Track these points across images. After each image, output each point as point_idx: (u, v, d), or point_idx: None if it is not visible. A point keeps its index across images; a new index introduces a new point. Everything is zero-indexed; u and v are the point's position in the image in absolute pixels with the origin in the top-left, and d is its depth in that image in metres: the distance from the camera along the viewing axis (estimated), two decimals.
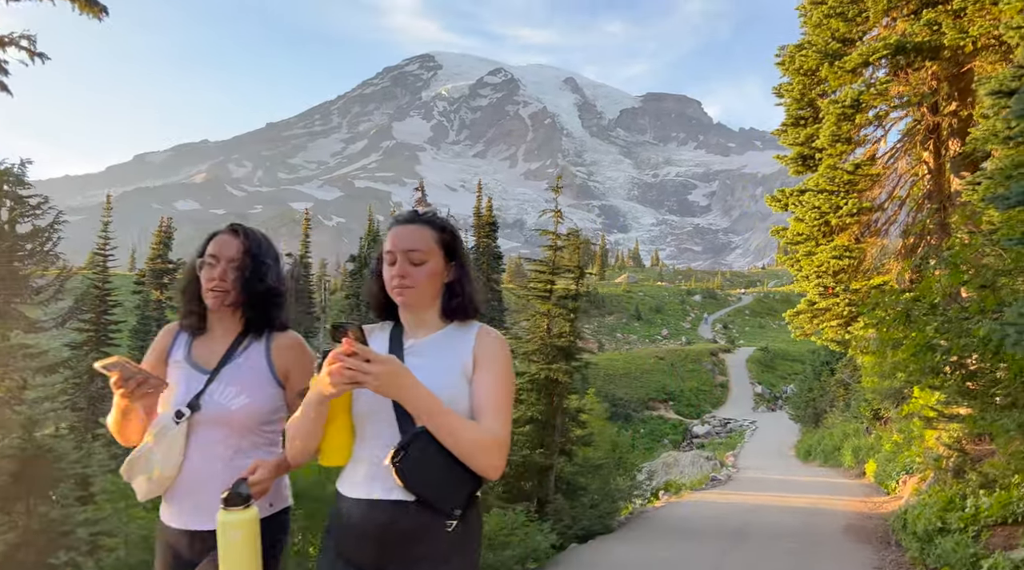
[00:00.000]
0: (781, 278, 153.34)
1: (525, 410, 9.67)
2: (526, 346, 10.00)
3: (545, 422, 9.75)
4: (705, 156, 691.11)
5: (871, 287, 10.56)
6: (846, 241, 11.26)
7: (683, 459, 25.43)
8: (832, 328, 11.95)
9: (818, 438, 33.55)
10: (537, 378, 9.76)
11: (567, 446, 10.13)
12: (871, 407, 24.38)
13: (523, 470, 9.41)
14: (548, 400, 9.79)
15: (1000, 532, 5.96)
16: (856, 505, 12.24)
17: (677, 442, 53.03)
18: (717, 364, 68.99)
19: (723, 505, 11.84)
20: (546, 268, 10.18)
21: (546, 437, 9.70)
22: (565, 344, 9.92)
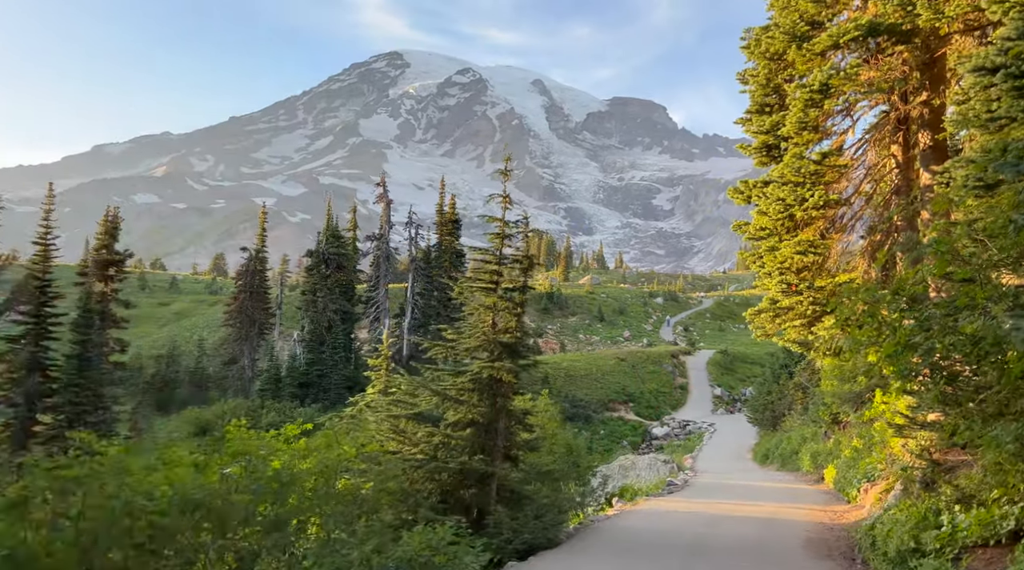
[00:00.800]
0: (742, 282, 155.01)
1: (465, 412, 8.84)
2: (467, 342, 9.17)
3: (487, 425, 8.92)
4: (669, 161, 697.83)
5: (836, 285, 9.98)
6: (811, 236, 10.67)
7: (640, 462, 24.84)
8: (795, 328, 11.35)
9: (776, 442, 33.38)
10: (479, 377, 8.93)
11: (512, 451, 9.31)
12: (830, 411, 24.05)
13: (461, 478, 8.58)
14: (491, 401, 8.97)
15: (981, 555, 5.34)
16: (816, 514, 11.66)
17: (636, 443, 52.74)
18: (677, 366, 69.00)
19: (678, 515, 11.17)
20: (492, 258, 9.38)
21: (488, 442, 8.87)
22: (511, 340, 9.11)
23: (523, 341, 9.22)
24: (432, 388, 8.87)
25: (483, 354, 9.05)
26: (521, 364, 9.15)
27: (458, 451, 8.65)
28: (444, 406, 8.84)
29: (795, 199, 10.24)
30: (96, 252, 40.72)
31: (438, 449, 8.57)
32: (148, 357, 68.91)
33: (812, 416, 29.95)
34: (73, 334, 38.89)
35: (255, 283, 60.29)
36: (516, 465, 9.46)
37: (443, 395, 8.79)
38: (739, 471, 27.71)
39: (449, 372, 9.15)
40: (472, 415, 8.84)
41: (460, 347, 9.14)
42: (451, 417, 8.82)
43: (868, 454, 15.64)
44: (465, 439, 8.67)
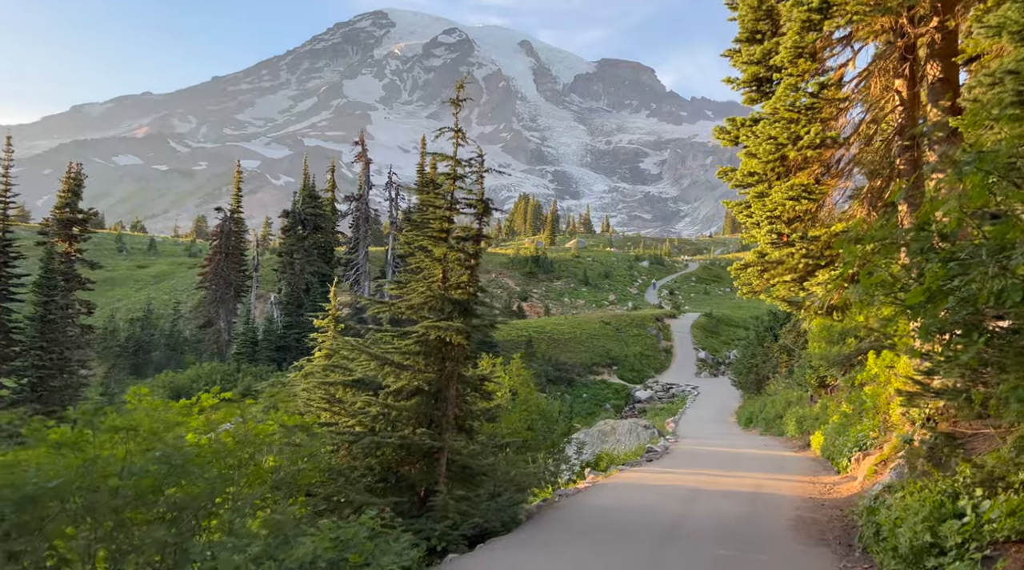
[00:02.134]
0: (728, 246, 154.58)
1: (409, 378, 7.69)
2: (412, 298, 7.98)
3: (435, 393, 7.80)
4: (657, 124, 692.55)
5: (832, 234, 8.90)
6: (805, 180, 9.53)
7: (620, 427, 23.99)
8: (785, 284, 10.28)
9: (760, 405, 32.81)
10: (425, 339, 7.78)
11: (466, 422, 8.22)
12: (816, 374, 23.21)
13: (405, 453, 7.48)
14: (439, 366, 7.84)
15: (1017, 554, 4.32)
16: (805, 487, 10.73)
17: (620, 407, 52.28)
18: (662, 329, 68.43)
19: (654, 490, 10.21)
20: (442, 202, 8.18)
21: (436, 412, 7.76)
22: (462, 297, 7.93)
23: (477, 298, 8.07)
24: (370, 352, 7.74)
25: (431, 313, 7.89)
26: (475, 324, 8.00)
27: (402, 423, 7.54)
28: (385, 372, 7.71)
29: (788, 137, 9.02)
30: (59, 210, 38.99)
31: (377, 421, 7.48)
32: (124, 320, 67.48)
33: (797, 379, 29.23)
34: (35, 296, 37.44)
35: (230, 244, 58.67)
36: (471, 437, 8.37)
37: (383, 359, 7.66)
38: (722, 435, 27.03)
39: (392, 333, 8.01)
40: (417, 382, 7.70)
41: (402, 305, 7.98)
42: (393, 384, 7.69)
43: (859, 420, 14.73)
44: (409, 409, 7.54)
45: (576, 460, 15.78)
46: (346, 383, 7.86)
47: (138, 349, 58.44)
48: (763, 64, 9.63)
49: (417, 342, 7.81)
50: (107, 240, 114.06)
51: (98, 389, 50.23)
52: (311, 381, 8.43)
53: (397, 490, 7.37)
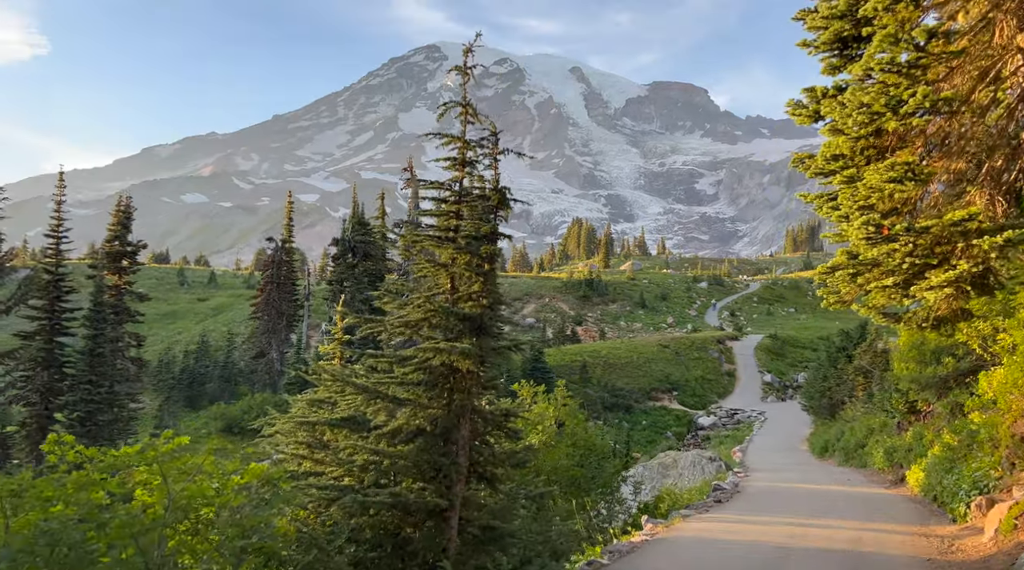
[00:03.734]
0: (789, 265, 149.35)
1: (408, 416, 6.04)
2: (408, 313, 6.38)
3: (441, 434, 6.16)
4: (712, 145, 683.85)
5: (949, 223, 6.98)
6: (909, 158, 7.60)
7: (682, 460, 21.87)
8: (883, 291, 8.29)
9: (836, 432, 30.18)
10: (428, 364, 6.16)
11: (485, 469, 6.53)
12: (906, 399, 20.72)
13: (402, 514, 5.81)
14: (446, 400, 6.22)
15: None
16: (918, 544, 8.65)
17: (681, 434, 49.72)
18: (724, 352, 65.44)
19: (729, 551, 8.31)
20: (451, 194, 6.62)
21: (442, 458, 6.11)
22: (474, 311, 6.31)
23: (494, 312, 6.44)
24: (354, 383, 6.15)
25: (433, 332, 6.28)
26: (491, 346, 6.33)
27: (399, 473, 5.92)
28: (375, 408, 6.12)
29: (887, 103, 7.13)
30: (108, 244, 39.08)
31: (366, 471, 5.89)
32: (180, 352, 68.03)
33: (880, 404, 26.56)
34: (86, 329, 37.40)
35: (282, 274, 58.49)
36: (494, 488, 6.68)
37: (372, 392, 6.04)
38: (796, 467, 24.62)
39: (389, 359, 6.44)
40: (418, 420, 6.07)
41: (396, 322, 6.40)
42: (389, 424, 6.07)
43: (969, 454, 12.42)
44: (407, 456, 5.89)
45: (632, 501, 13.87)
46: (332, 422, 6.31)
47: (192, 381, 58.56)
48: (848, 18, 7.78)
49: (417, 369, 6.19)
50: (169, 274, 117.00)
51: (151, 422, 50.27)
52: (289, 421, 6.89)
53: (395, 561, 5.73)
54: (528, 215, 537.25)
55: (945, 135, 8.05)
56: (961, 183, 8.24)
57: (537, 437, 12.26)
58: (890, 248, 7.53)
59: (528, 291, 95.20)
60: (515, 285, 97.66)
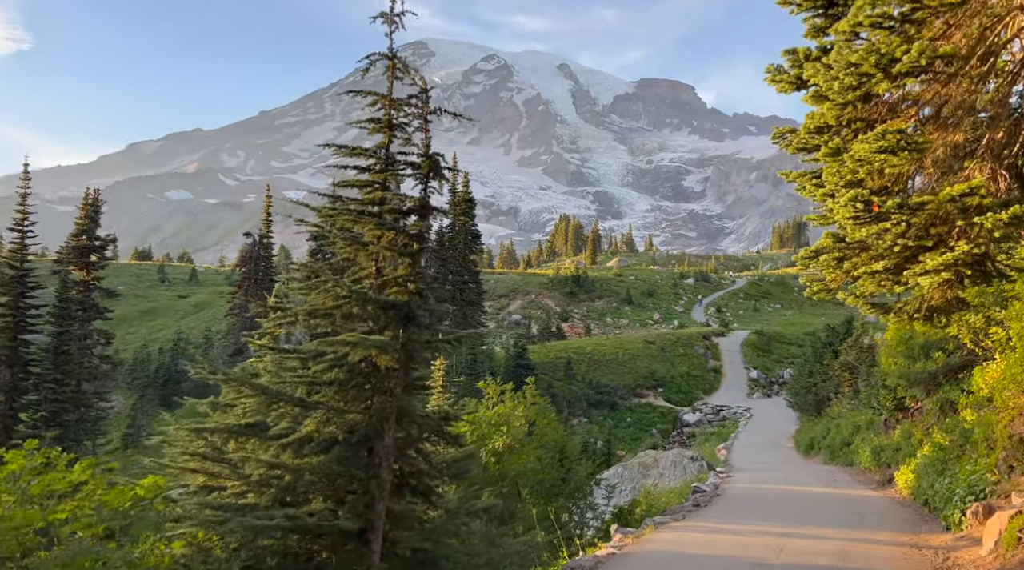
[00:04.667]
0: (776, 262, 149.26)
1: (319, 423, 5.09)
2: (316, 299, 5.46)
3: (360, 443, 5.25)
4: (699, 142, 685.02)
5: (947, 198, 6.14)
6: (903, 125, 6.77)
7: (663, 459, 21.08)
8: (873, 277, 7.45)
9: (822, 429, 29.61)
10: (342, 361, 5.24)
11: (419, 482, 5.62)
12: (893, 395, 20.01)
13: (313, 537, 4.87)
14: (365, 403, 5.30)
15: None
16: (909, 557, 7.86)
17: (667, 431, 49.11)
18: (710, 348, 64.88)
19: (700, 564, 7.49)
20: (377, 161, 5.71)
21: (363, 471, 5.19)
22: (400, 298, 5.40)
23: (424, 299, 5.54)
24: (251, 383, 5.21)
25: (347, 322, 5.36)
26: (421, 339, 5.42)
27: (309, 487, 5.01)
28: (278, 413, 5.19)
29: (877, 62, 6.28)
30: (75, 238, 37.84)
31: (266, 487, 4.99)
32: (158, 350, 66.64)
33: (867, 401, 25.91)
34: (53, 325, 36.18)
35: (260, 270, 57.26)
36: (430, 503, 5.77)
37: (272, 394, 5.11)
38: (781, 466, 23.96)
39: (298, 356, 5.50)
40: (332, 427, 5.16)
41: (303, 313, 5.50)
42: (289, 431, 5.16)
43: (962, 455, 11.65)
44: (317, 469, 4.99)
45: (606, 506, 13.02)
46: (233, 430, 5.39)
47: (168, 379, 57.25)
48: None
49: (333, 367, 5.28)
50: (150, 271, 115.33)
51: (124, 422, 48.97)
52: (183, 428, 5.96)
53: None
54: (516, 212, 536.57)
55: (941, 104, 7.25)
56: (958, 159, 7.43)
57: (502, 439, 11.43)
58: (880, 228, 6.70)
59: (514, 288, 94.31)
60: (501, 282, 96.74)
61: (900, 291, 7.61)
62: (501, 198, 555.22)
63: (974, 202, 6.18)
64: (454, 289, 61.65)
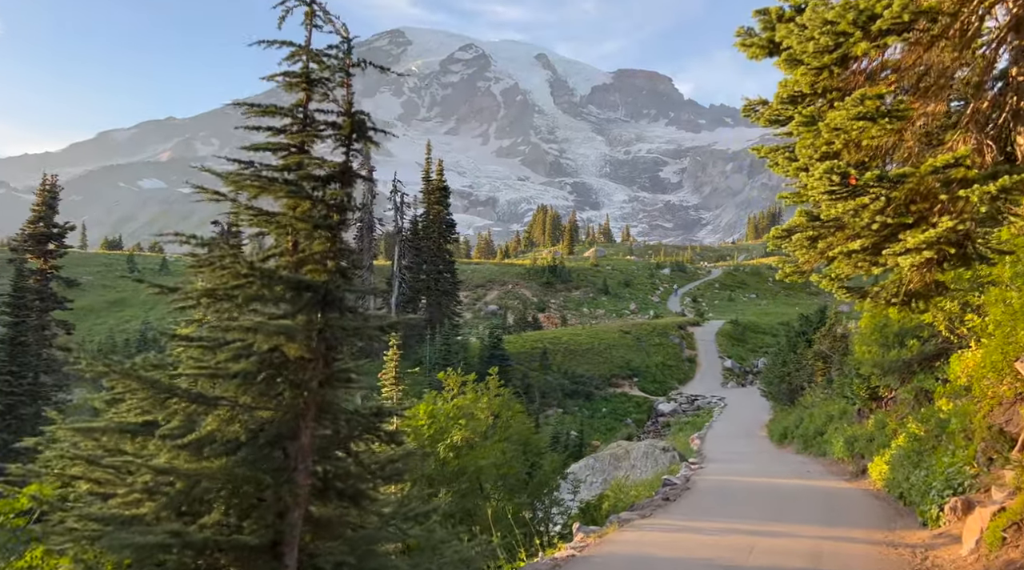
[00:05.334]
0: (751, 252, 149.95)
1: (221, 421, 4.40)
2: (218, 279, 4.76)
3: (270, 444, 4.58)
4: (676, 133, 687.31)
5: (930, 170, 5.62)
6: (884, 90, 6.23)
7: (635, 451, 20.63)
8: (849, 258, 6.91)
9: (795, 419, 29.42)
10: (248, 351, 4.55)
11: (347, 484, 4.96)
12: (867, 385, 19.70)
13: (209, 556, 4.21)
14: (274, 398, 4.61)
15: None
16: (885, 556, 7.39)
17: (642, 421, 48.90)
18: (685, 338, 64.77)
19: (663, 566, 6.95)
20: (293, 122, 5.07)
21: (271, 478, 4.51)
22: (318, 278, 4.73)
23: (346, 279, 4.88)
24: (139, 376, 4.48)
25: (250, 304, 4.68)
26: (347, 324, 4.73)
27: (205, 495, 4.33)
28: (169, 411, 4.47)
29: (855, 19, 5.68)
30: (31, 225, 36.49)
31: (157, 496, 4.31)
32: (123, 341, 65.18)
33: (840, 390, 25.69)
34: (6, 316, 34.93)
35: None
36: (359, 507, 5.11)
37: (162, 389, 4.39)
38: (755, 456, 23.66)
39: (201, 345, 4.81)
40: (236, 426, 4.47)
41: (196, 293, 4.81)
42: (184, 430, 4.47)
43: (939, 447, 11.24)
44: (215, 474, 4.31)
45: (572, 501, 12.47)
46: (127, 429, 4.69)
47: None
48: None
49: (238, 356, 4.60)
50: (119, 261, 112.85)
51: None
52: (65, 427, 5.25)
53: None
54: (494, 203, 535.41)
55: (923, 72, 6.73)
56: (940, 131, 6.92)
57: (460, 433, 10.82)
58: (858, 204, 6.16)
59: (491, 278, 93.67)
60: (478, 272, 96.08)
61: (878, 272, 7.10)
62: (479, 188, 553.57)
63: (958, 174, 5.67)
64: (428, 279, 60.94)
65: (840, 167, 6.05)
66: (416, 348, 53.96)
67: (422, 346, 52.73)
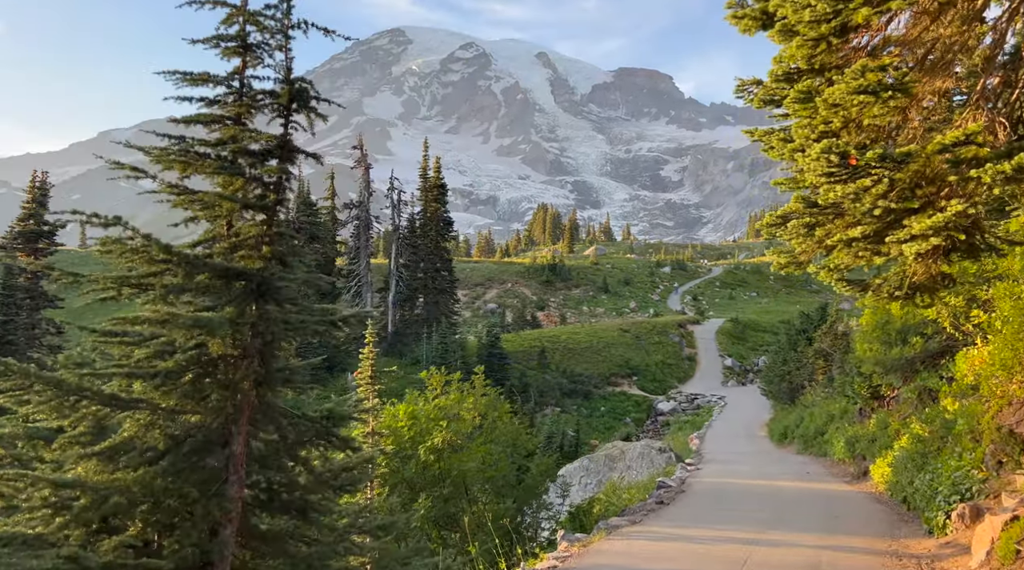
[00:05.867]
0: (752, 250, 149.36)
1: (142, 428, 3.88)
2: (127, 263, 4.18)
3: (198, 453, 4.06)
4: (677, 131, 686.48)
5: (939, 148, 5.12)
6: (887, 61, 5.69)
7: (630, 451, 20.11)
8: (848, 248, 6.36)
9: (795, 418, 28.94)
10: (171, 348, 4.00)
11: (293, 497, 4.44)
12: (869, 383, 19.18)
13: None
14: (203, 400, 4.11)
15: None
16: (891, 567, 6.88)
17: (641, 420, 48.41)
18: (685, 336, 64.24)
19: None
20: (230, 91, 4.56)
21: (196, 491, 3.98)
22: (251, 265, 4.20)
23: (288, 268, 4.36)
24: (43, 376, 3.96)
25: (170, 294, 4.15)
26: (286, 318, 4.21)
27: (128, 510, 3.83)
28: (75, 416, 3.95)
29: None
30: (21, 223, 36.02)
31: (63, 511, 3.79)
32: None
33: (841, 389, 25.17)
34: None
35: None
36: (308, 521, 4.60)
37: (69, 390, 3.87)
38: (754, 457, 23.16)
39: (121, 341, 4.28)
40: (156, 433, 3.96)
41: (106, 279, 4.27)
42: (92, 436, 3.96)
43: (945, 448, 10.72)
44: (130, 488, 3.78)
45: (561, 506, 11.95)
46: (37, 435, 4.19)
47: None
48: None
49: (160, 353, 4.10)
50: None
51: None
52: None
53: None
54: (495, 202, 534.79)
55: (929, 47, 6.22)
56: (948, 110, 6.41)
57: (441, 435, 10.31)
58: (859, 186, 5.64)
59: (490, 276, 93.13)
60: (477, 270, 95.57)
61: (880, 262, 6.58)
62: (480, 187, 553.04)
63: (969, 153, 5.17)
64: (426, 277, 60.37)
65: (839, 146, 5.53)
66: (413, 347, 53.43)
67: (419, 345, 52.22)
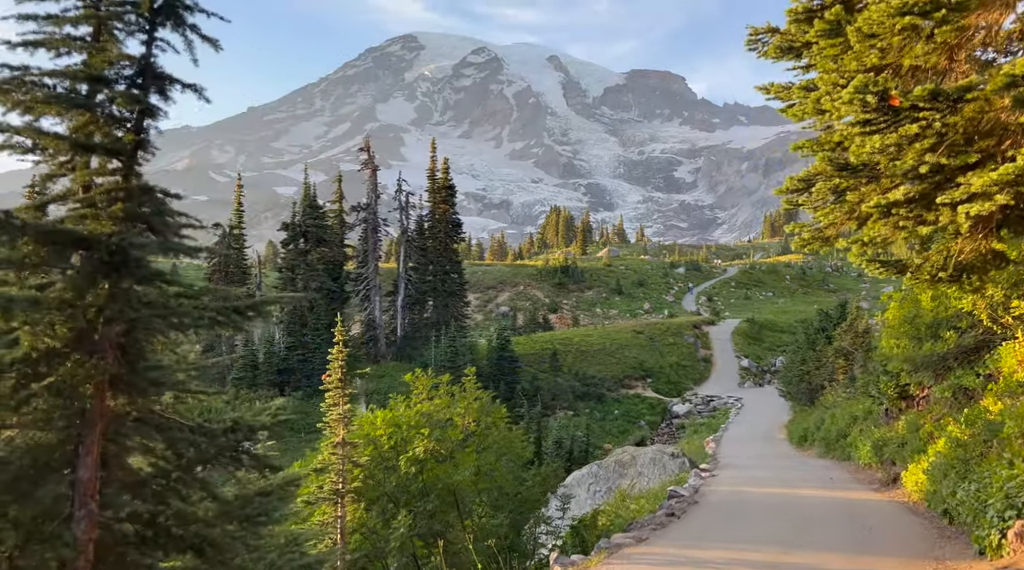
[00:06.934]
0: (767, 250, 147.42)
1: None
2: None
3: (39, 474, 3.04)
4: (690, 132, 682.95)
5: (1004, 83, 4.07)
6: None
7: (641, 457, 18.99)
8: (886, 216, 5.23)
9: (816, 420, 27.72)
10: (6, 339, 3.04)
11: (187, 531, 3.46)
12: (896, 382, 17.93)
13: None
14: (32, 407, 3.15)
15: None
16: None
17: (655, 423, 47.19)
18: (700, 337, 62.88)
19: None
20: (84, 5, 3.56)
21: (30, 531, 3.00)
22: (98, 229, 3.22)
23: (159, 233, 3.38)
24: None
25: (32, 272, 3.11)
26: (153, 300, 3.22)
27: None
28: None
29: None
30: None
31: None
32: None
33: (864, 389, 23.88)
34: None
35: (230, 263, 54.92)
36: (204, 558, 3.64)
37: None
38: (773, 461, 21.98)
39: None
40: None
41: None
42: None
43: (989, 455, 9.53)
44: None
45: (561, 520, 10.87)
46: None
47: None
48: None
49: None
50: None
51: None
52: None
53: None
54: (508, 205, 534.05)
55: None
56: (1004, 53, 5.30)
57: (423, 443, 9.29)
58: (901, 135, 4.53)
59: (502, 279, 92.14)
60: (489, 273, 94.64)
61: (925, 233, 5.44)
62: (493, 191, 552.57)
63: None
64: (435, 280, 59.44)
65: (878, 84, 4.45)
66: (422, 350, 52.47)
67: (428, 348, 51.28)
